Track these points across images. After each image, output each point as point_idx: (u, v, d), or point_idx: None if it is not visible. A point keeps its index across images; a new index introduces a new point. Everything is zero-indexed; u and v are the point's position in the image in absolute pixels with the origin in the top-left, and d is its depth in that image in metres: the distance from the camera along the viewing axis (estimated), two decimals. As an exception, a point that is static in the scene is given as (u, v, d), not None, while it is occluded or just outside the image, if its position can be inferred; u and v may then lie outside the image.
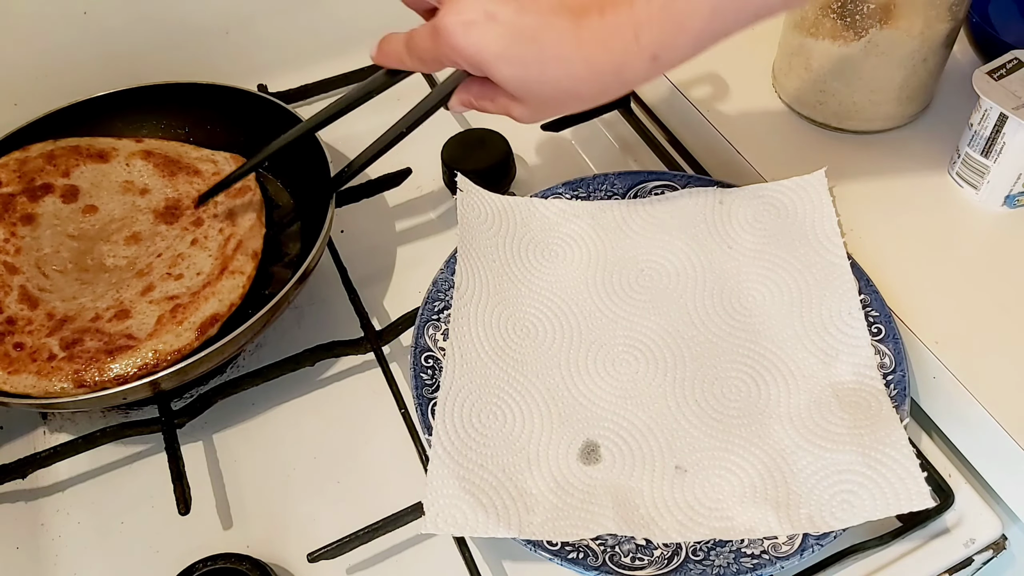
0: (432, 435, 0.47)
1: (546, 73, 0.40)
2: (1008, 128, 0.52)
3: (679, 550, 0.44)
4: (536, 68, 0.40)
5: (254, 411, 0.56)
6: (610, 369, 0.51)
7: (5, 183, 0.58)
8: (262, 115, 0.63)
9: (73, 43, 0.67)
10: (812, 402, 0.48)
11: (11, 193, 0.58)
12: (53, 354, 0.50)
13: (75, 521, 0.51)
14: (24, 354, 0.50)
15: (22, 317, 0.52)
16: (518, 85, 0.41)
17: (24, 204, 0.57)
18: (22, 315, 0.52)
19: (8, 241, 0.56)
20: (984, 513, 0.48)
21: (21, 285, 0.54)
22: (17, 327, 0.52)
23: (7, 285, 0.54)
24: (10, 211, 0.57)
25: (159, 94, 0.64)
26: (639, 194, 0.59)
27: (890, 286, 0.52)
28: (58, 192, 0.58)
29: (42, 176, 0.59)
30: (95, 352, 0.49)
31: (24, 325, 0.52)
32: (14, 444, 0.55)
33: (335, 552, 0.45)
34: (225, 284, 0.53)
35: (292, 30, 0.74)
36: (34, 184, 0.58)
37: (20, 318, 0.52)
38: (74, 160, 0.60)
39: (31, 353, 0.50)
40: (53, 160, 0.60)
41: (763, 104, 0.64)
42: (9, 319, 0.52)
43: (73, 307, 0.53)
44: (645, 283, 0.55)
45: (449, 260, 0.55)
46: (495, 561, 0.48)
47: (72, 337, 0.51)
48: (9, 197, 0.57)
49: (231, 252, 0.55)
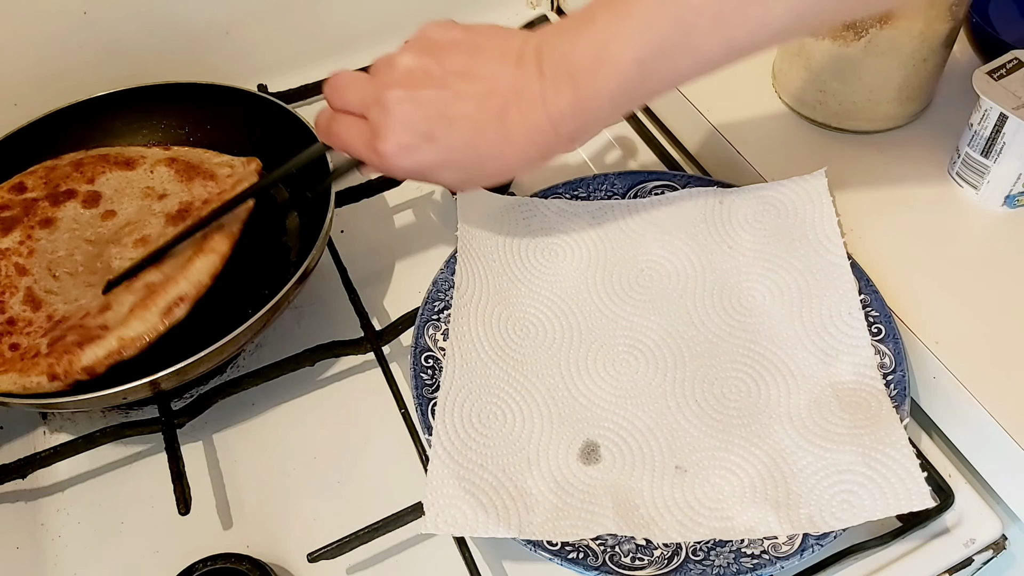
0: (432, 435, 0.47)
1: (485, 170, 0.46)
2: (1008, 128, 0.52)
3: (679, 550, 0.44)
4: (475, 169, 0.46)
5: (254, 411, 0.56)
6: (610, 369, 0.51)
7: (30, 189, 0.59)
8: (262, 115, 0.63)
9: (73, 43, 0.67)
10: (812, 402, 0.48)
11: (35, 198, 0.59)
12: (38, 352, 0.50)
13: (75, 521, 0.51)
14: (16, 355, 0.50)
15: (23, 318, 0.53)
16: (459, 183, 0.48)
17: (45, 208, 0.58)
18: (23, 316, 0.53)
19: (23, 243, 0.56)
20: (984, 513, 0.48)
21: (28, 287, 0.54)
22: (16, 328, 0.52)
23: (14, 286, 0.54)
24: (30, 215, 0.58)
25: (159, 94, 0.64)
26: (639, 194, 0.59)
27: (890, 286, 0.52)
28: (80, 197, 0.59)
29: (67, 182, 0.60)
30: (69, 345, 0.49)
31: (24, 326, 0.52)
32: (14, 444, 0.55)
33: (335, 552, 0.45)
34: (197, 265, 0.52)
35: (292, 30, 0.74)
36: (58, 190, 0.59)
37: (21, 319, 0.53)
38: (101, 167, 0.61)
39: (22, 353, 0.50)
40: (80, 167, 0.61)
41: (763, 104, 0.64)
42: (10, 319, 0.52)
43: (72, 308, 0.53)
44: (645, 283, 0.55)
45: (449, 260, 0.55)
46: (495, 561, 0.48)
47: (60, 334, 0.51)
48: (32, 202, 0.58)
49: (209, 233, 0.55)
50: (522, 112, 0.43)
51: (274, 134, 0.62)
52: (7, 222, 0.57)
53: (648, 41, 0.40)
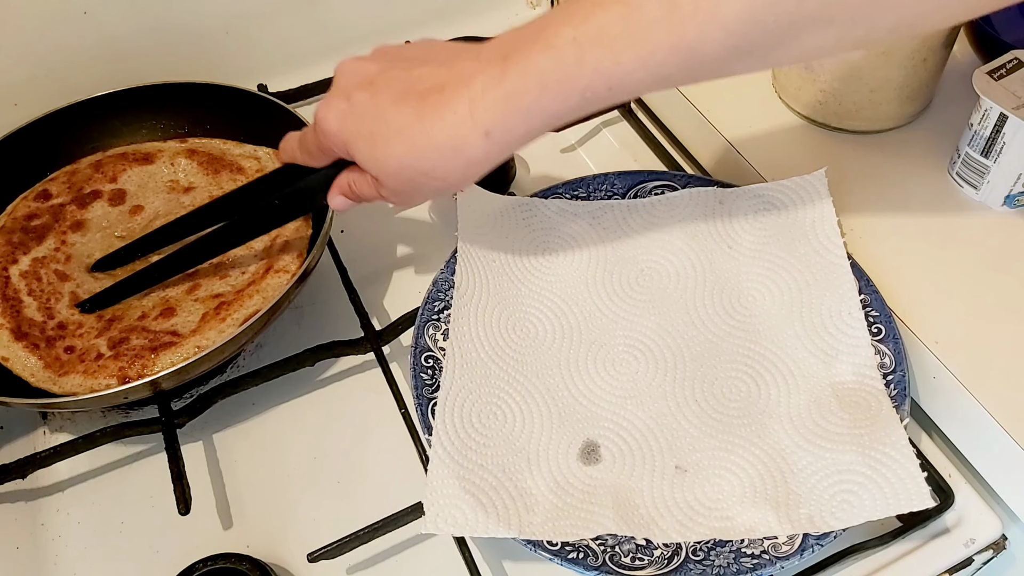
0: (432, 435, 0.47)
1: (391, 147, 0.42)
2: (1008, 128, 0.52)
3: (679, 550, 0.44)
4: (383, 143, 0.42)
5: (254, 411, 0.56)
6: (610, 369, 0.51)
7: (55, 195, 0.60)
8: (262, 115, 0.63)
9: (73, 43, 0.67)
10: (812, 402, 0.48)
11: (61, 203, 0.59)
12: (100, 354, 0.51)
13: (75, 521, 0.51)
14: (74, 356, 0.51)
15: (73, 321, 0.53)
16: (372, 163, 0.43)
17: (73, 212, 0.59)
18: (73, 320, 0.54)
19: (59, 250, 0.57)
20: (984, 513, 0.48)
21: (72, 291, 0.55)
22: (68, 331, 0.53)
23: (58, 292, 0.55)
24: (60, 221, 0.59)
25: (159, 94, 0.64)
26: (639, 194, 0.59)
27: (890, 286, 0.52)
28: (106, 197, 0.60)
29: (90, 184, 0.60)
30: (139, 349, 0.50)
31: (75, 329, 0.53)
32: (14, 444, 0.55)
33: (335, 552, 0.45)
34: (270, 282, 0.54)
35: (292, 30, 0.74)
36: (83, 192, 0.60)
37: (71, 322, 0.53)
38: (121, 165, 0.61)
39: (80, 355, 0.51)
40: (101, 168, 0.61)
41: (763, 104, 0.64)
42: (60, 324, 0.53)
43: (121, 308, 0.54)
44: (645, 283, 0.55)
45: (449, 260, 0.55)
46: (495, 561, 0.48)
47: (119, 336, 0.52)
48: (60, 207, 0.59)
49: (277, 252, 0.56)
50: (442, 92, 0.40)
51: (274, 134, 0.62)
52: (39, 230, 0.58)
53: (590, 23, 0.37)
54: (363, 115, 0.42)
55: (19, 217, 0.58)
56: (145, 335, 0.51)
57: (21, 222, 0.58)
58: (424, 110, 0.41)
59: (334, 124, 0.43)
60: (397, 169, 0.42)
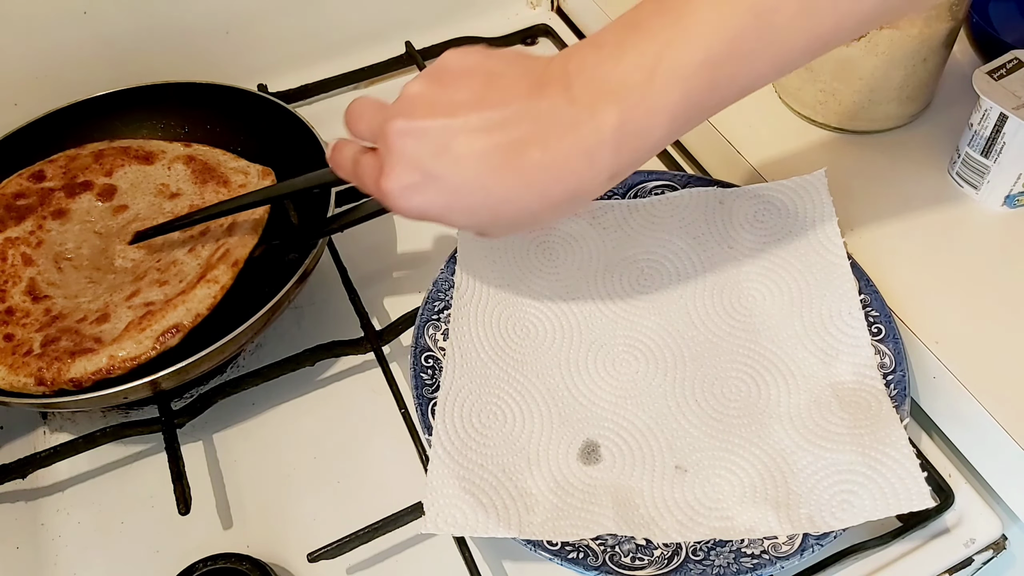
0: (432, 435, 0.47)
1: (500, 215, 0.39)
2: (1008, 128, 0.52)
3: (679, 550, 0.44)
4: (487, 215, 0.39)
5: (254, 411, 0.56)
6: (610, 369, 0.51)
7: (49, 178, 0.59)
8: (262, 115, 0.63)
9: (73, 43, 0.67)
10: (812, 402, 0.48)
11: (51, 188, 0.59)
12: (31, 349, 0.50)
13: (75, 521, 0.51)
14: (9, 346, 0.50)
15: (21, 309, 0.53)
16: (475, 228, 0.41)
17: (60, 199, 0.59)
18: (22, 307, 0.53)
19: (33, 233, 0.57)
20: (984, 513, 0.48)
21: (31, 277, 0.54)
22: (14, 318, 0.52)
23: (18, 276, 0.54)
24: (45, 205, 0.58)
25: (159, 94, 0.64)
26: (639, 194, 0.59)
27: (890, 286, 0.52)
28: (96, 190, 0.60)
29: (85, 174, 0.60)
30: (61, 352, 0.49)
31: (21, 317, 0.52)
32: (14, 444, 0.55)
33: (335, 552, 0.45)
34: (198, 293, 0.52)
35: (292, 30, 0.74)
36: (75, 181, 0.60)
37: (19, 310, 0.53)
38: (120, 160, 0.61)
39: (15, 346, 0.50)
40: (101, 159, 0.61)
41: (763, 104, 0.64)
42: (9, 309, 0.53)
43: (71, 305, 0.53)
44: (645, 283, 0.55)
45: (449, 260, 0.55)
46: (495, 561, 0.48)
47: (55, 335, 0.51)
48: (48, 191, 0.59)
49: (215, 261, 0.54)
50: (545, 148, 0.37)
51: (274, 134, 0.62)
52: (21, 211, 0.57)
53: (721, 40, 0.34)
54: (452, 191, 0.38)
55: (7, 194, 0.58)
56: (74, 338, 0.50)
57: (7, 199, 0.58)
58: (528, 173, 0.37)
59: (415, 204, 0.39)
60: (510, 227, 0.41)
